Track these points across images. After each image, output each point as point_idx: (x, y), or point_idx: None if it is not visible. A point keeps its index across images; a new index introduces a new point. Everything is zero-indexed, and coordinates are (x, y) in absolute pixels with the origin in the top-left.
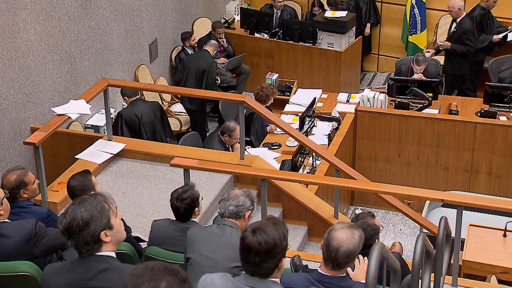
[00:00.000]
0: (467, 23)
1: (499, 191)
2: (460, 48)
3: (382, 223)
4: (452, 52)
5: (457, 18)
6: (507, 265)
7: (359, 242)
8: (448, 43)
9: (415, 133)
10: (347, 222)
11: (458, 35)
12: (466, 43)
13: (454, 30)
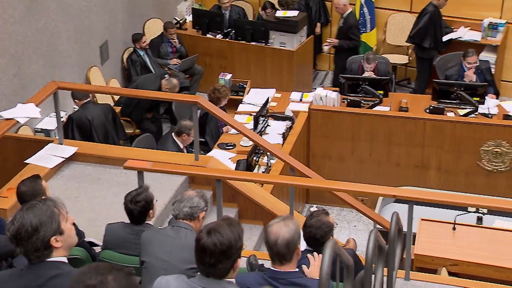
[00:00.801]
0: (351, 19)
1: (448, 185)
2: (347, 43)
3: (337, 220)
4: (340, 47)
5: (343, 13)
6: (456, 257)
7: (294, 230)
8: (335, 40)
9: (367, 131)
10: (281, 216)
11: (344, 30)
12: (351, 37)
13: (341, 26)
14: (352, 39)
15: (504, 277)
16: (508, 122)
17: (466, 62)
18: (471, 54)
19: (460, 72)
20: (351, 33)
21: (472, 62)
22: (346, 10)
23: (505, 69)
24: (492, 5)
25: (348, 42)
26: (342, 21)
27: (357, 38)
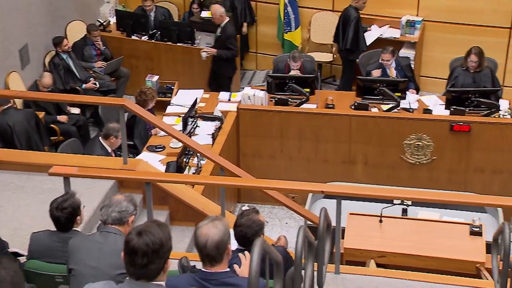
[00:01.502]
0: (229, 28)
1: (374, 179)
2: (225, 53)
3: (268, 218)
4: (218, 57)
5: (220, 23)
6: (384, 249)
7: (223, 231)
8: (213, 50)
9: (296, 128)
10: (210, 217)
11: (222, 40)
12: (230, 47)
13: (219, 35)
14: (230, 49)
15: (426, 265)
16: (428, 116)
17: (381, 59)
18: (385, 51)
19: (379, 68)
20: (229, 43)
21: (385, 59)
22: (223, 20)
23: (424, 65)
24: (409, 3)
25: (226, 52)
26: (220, 31)
27: (235, 48)
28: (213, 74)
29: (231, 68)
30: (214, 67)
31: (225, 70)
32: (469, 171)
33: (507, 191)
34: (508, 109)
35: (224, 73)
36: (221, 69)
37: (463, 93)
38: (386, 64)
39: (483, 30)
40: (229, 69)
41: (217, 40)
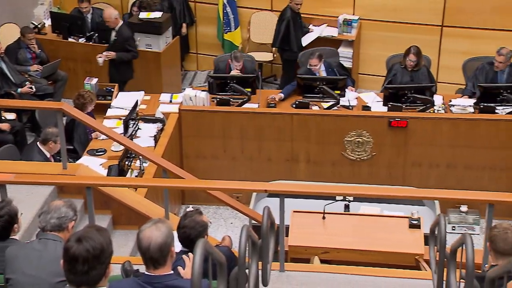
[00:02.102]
0: (125, 31)
1: (317, 176)
2: (126, 55)
3: (213, 218)
4: (119, 60)
5: (115, 27)
6: (327, 245)
7: (167, 234)
8: (113, 53)
9: (238, 128)
10: (153, 220)
11: (120, 43)
12: (129, 49)
13: (115, 39)
14: (130, 50)
15: (369, 259)
16: (367, 113)
17: (309, 64)
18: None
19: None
20: (128, 45)
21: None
22: (117, 23)
23: (361, 62)
24: (345, 2)
25: (126, 54)
26: (115, 34)
27: (135, 49)
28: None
29: (129, 72)
30: (112, 71)
31: (122, 74)
32: (407, 165)
33: (443, 184)
34: (442, 104)
35: (120, 77)
36: (118, 74)
37: (399, 89)
38: (315, 69)
39: (417, 28)
40: (127, 73)
41: (114, 43)
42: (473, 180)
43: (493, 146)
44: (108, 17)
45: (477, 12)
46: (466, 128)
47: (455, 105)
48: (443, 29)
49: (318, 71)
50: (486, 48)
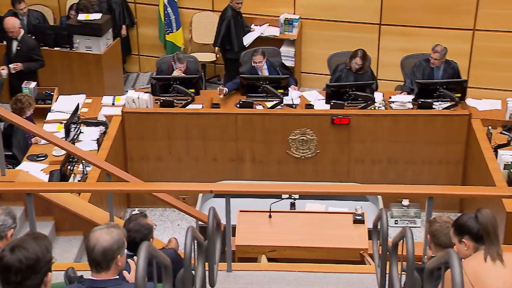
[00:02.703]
0: (29, 40)
1: (262, 175)
2: (33, 65)
3: (160, 221)
4: (27, 71)
5: (17, 36)
6: (274, 243)
7: (116, 240)
8: (20, 64)
9: (182, 129)
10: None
11: (25, 52)
12: (36, 58)
13: (19, 49)
14: (37, 59)
15: (315, 256)
16: (310, 111)
17: (253, 61)
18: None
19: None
20: (35, 54)
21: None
22: (20, 33)
23: (303, 61)
24: (286, 1)
25: (34, 64)
26: (18, 44)
27: (42, 58)
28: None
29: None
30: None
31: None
32: (351, 162)
33: (385, 179)
34: (382, 101)
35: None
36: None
37: (341, 87)
38: (259, 66)
39: (356, 27)
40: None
41: (18, 53)
42: (414, 175)
43: (431, 140)
44: (12, 27)
45: (412, 11)
46: (406, 123)
47: (394, 101)
48: (381, 27)
49: (261, 69)
50: (422, 46)
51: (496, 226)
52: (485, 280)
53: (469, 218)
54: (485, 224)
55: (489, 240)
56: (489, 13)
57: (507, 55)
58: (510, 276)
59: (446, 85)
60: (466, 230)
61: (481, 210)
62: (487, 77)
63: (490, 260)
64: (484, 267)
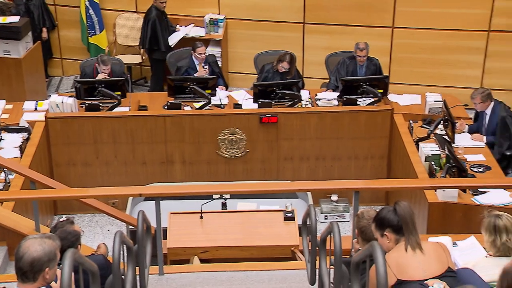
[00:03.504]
0: None
1: (193, 177)
2: None
3: (89, 226)
4: None
5: None
6: (206, 244)
7: (47, 252)
8: None
9: (110, 133)
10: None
11: None
12: None
13: None
14: None
15: (248, 255)
16: (238, 111)
17: (197, 54)
18: (199, 45)
19: (190, 64)
20: None
21: (202, 52)
22: None
23: (230, 61)
24: (210, 1)
25: None
26: None
27: None
28: None
29: None
30: None
31: None
32: (280, 160)
33: (314, 176)
34: (309, 99)
35: None
36: None
37: (268, 86)
38: (202, 58)
39: (280, 26)
40: None
41: None
42: (341, 170)
43: (357, 136)
44: None
45: (335, 9)
46: (332, 120)
47: (320, 99)
48: (305, 26)
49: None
50: (345, 43)
51: (413, 216)
52: (407, 270)
53: (388, 212)
54: (403, 215)
55: (408, 230)
56: (406, 11)
57: (425, 51)
58: (429, 263)
59: (369, 81)
60: (387, 223)
61: (398, 203)
62: (407, 73)
63: (410, 250)
64: (405, 257)
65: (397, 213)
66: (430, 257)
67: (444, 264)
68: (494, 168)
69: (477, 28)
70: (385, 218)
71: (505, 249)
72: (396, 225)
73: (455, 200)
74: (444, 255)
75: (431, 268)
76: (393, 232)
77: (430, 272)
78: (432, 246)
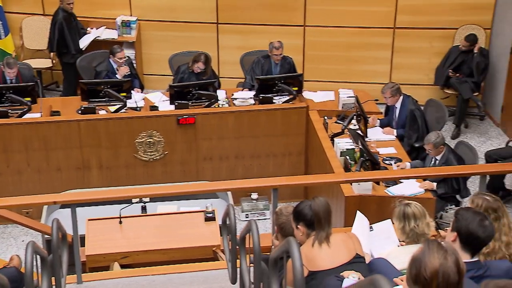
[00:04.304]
0: None
1: (111, 181)
2: None
3: (1, 238)
4: None
5: None
6: (126, 249)
7: None
8: None
9: (21, 140)
10: None
11: None
12: None
13: None
14: None
15: (170, 257)
16: (155, 113)
17: (117, 58)
18: (119, 50)
19: (109, 68)
20: None
21: (122, 57)
22: None
23: (145, 63)
24: (122, 3)
25: None
26: None
27: None
28: None
29: None
30: None
31: None
32: (199, 160)
33: (233, 175)
34: (225, 99)
35: None
36: None
37: (184, 87)
38: (122, 63)
39: (194, 26)
40: None
41: None
42: (260, 168)
43: (274, 134)
44: None
45: (247, 9)
46: (249, 119)
47: (237, 98)
48: (219, 26)
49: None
50: (259, 42)
51: (328, 212)
52: (315, 262)
53: (305, 206)
54: (317, 211)
55: (319, 226)
56: (316, 10)
57: (336, 48)
58: (337, 253)
59: (284, 79)
60: (301, 217)
61: (315, 198)
62: (320, 70)
63: (318, 244)
64: (313, 251)
65: (311, 208)
66: (337, 247)
67: (352, 251)
68: (405, 160)
69: (384, 26)
70: (301, 212)
71: (414, 235)
72: (308, 220)
73: (370, 192)
74: (352, 243)
75: (339, 256)
76: (305, 226)
77: (339, 260)
78: (340, 236)
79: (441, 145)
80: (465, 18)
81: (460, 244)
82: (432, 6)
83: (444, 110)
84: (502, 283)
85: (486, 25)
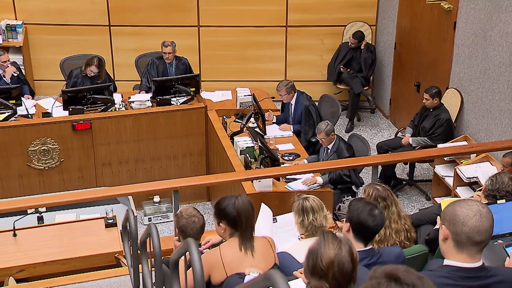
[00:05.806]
0: None
1: (4, 193)
2: None
3: None
4: None
5: None
6: (22, 263)
7: None
8: None
9: None
10: None
11: None
12: None
13: None
14: None
15: (70, 267)
16: (48, 120)
17: (1, 62)
18: (2, 53)
19: None
20: None
21: (6, 60)
22: None
23: (35, 68)
24: (5, 6)
25: None
26: None
27: None
28: None
29: None
30: None
31: None
32: (98, 166)
33: (134, 179)
34: (122, 102)
35: None
36: None
37: (78, 92)
38: (7, 67)
39: (85, 29)
40: None
41: None
42: (161, 171)
43: (173, 135)
44: None
45: (140, 10)
46: (147, 122)
47: (134, 101)
48: (111, 29)
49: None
50: (154, 44)
51: (250, 214)
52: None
53: (229, 204)
54: (239, 212)
55: (242, 228)
56: (209, 10)
57: (231, 48)
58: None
59: (181, 80)
60: (224, 216)
61: (239, 197)
62: (217, 69)
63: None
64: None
65: (235, 207)
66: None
67: (270, 261)
68: (303, 155)
69: (276, 24)
70: (224, 210)
71: (312, 228)
72: (231, 220)
73: (270, 189)
74: (271, 251)
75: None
76: (228, 225)
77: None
78: (261, 242)
79: (332, 132)
80: (352, 15)
81: (353, 233)
82: (321, 4)
83: (337, 105)
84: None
85: (371, 22)
